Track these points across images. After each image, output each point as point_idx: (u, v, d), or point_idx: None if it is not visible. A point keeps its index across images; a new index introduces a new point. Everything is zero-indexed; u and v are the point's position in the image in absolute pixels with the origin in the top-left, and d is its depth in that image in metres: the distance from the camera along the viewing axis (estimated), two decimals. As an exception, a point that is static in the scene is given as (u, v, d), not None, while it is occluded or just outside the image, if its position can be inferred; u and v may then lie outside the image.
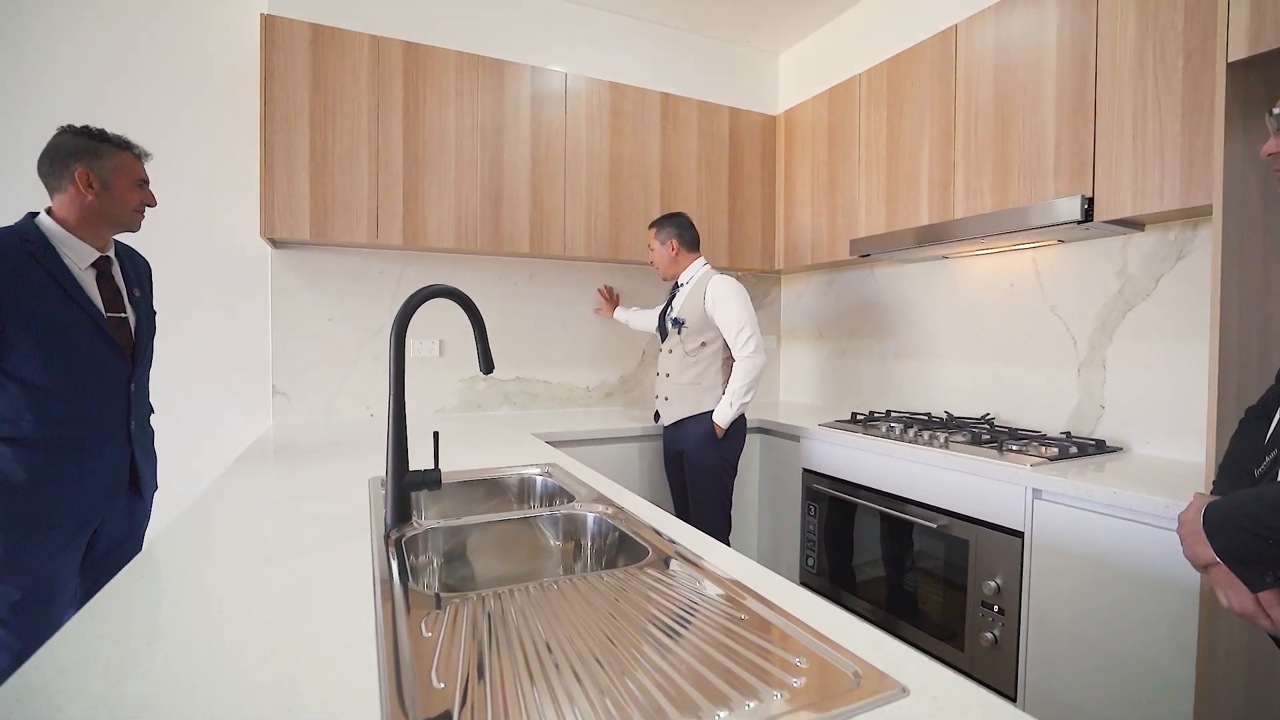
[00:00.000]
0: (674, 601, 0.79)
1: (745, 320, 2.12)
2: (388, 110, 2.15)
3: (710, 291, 2.16)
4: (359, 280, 2.42)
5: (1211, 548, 0.87)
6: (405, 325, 1.08)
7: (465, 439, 2.04)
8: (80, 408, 1.39)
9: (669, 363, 2.27)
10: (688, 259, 2.28)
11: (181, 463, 2.11)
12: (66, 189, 1.37)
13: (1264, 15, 1.15)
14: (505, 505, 1.52)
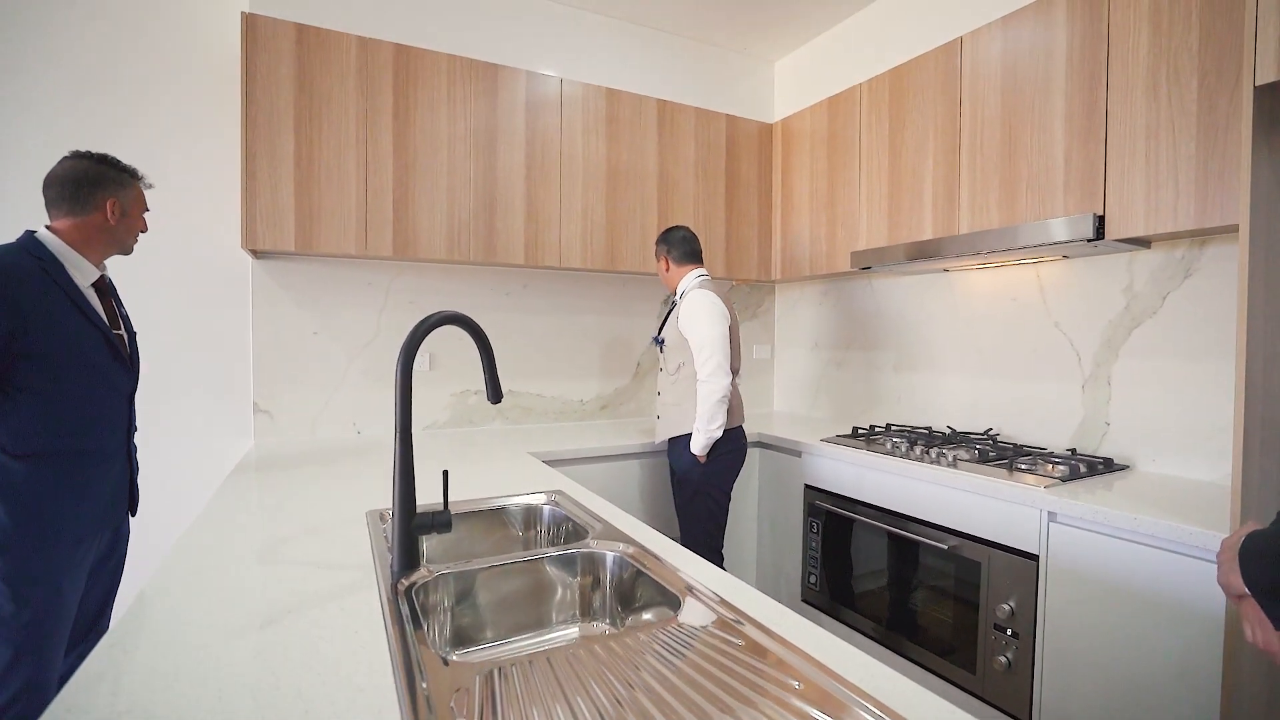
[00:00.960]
0: (710, 675, 0.73)
1: (706, 339, 2.00)
2: (377, 115, 2.06)
3: (683, 308, 2.08)
4: (345, 292, 2.31)
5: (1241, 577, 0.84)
6: (413, 356, 1.01)
7: (459, 457, 1.96)
8: (91, 421, 1.42)
9: (661, 380, 2.23)
10: (679, 272, 2.19)
11: (157, 485, 1.99)
12: (91, 214, 1.42)
13: (1293, 39, 1.13)
14: (511, 539, 1.45)
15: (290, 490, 1.52)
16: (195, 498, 2.11)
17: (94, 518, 1.43)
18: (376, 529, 1.22)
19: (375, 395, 2.36)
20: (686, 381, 2.08)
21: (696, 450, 2.02)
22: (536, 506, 1.47)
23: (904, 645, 1.90)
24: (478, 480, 1.66)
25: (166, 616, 0.83)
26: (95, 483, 1.43)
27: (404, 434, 0.99)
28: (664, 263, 2.21)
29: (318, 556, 1.07)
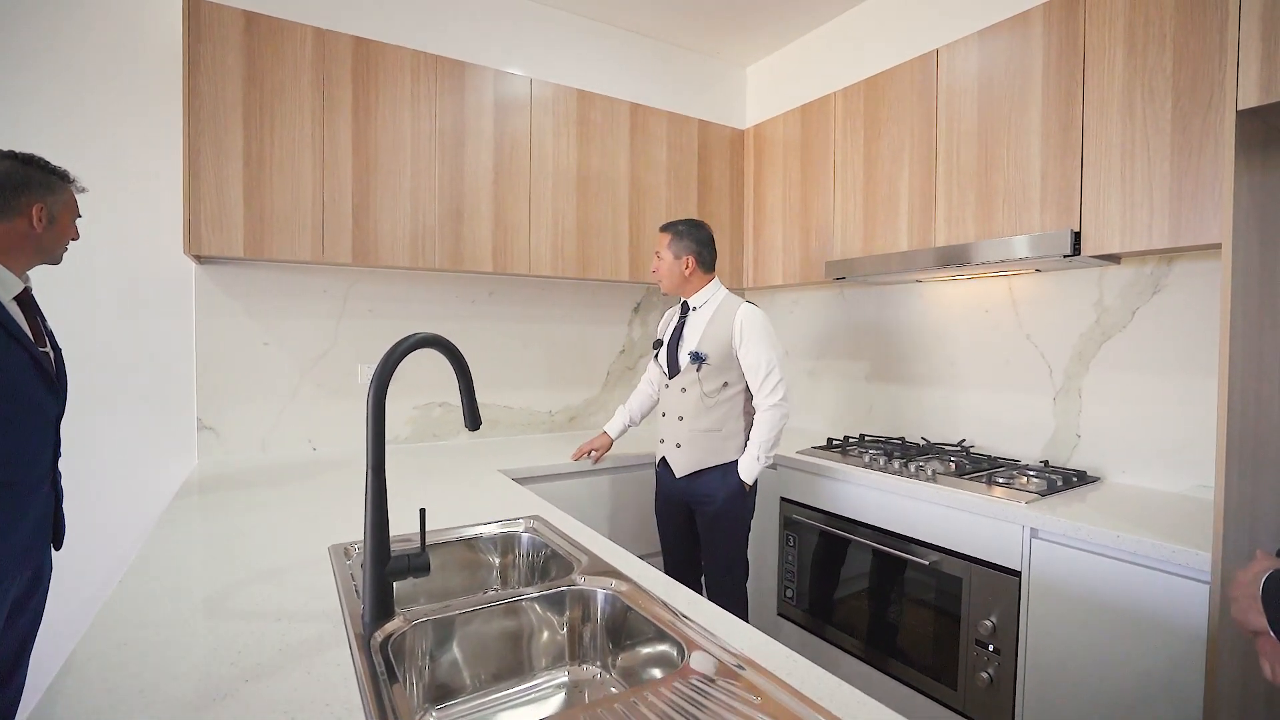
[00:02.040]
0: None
1: (775, 362, 1.84)
2: (334, 112, 1.92)
3: (741, 324, 1.84)
4: (299, 299, 2.17)
5: (1265, 619, 0.83)
6: (386, 385, 0.91)
7: (425, 475, 1.85)
8: (11, 452, 1.28)
9: (682, 404, 1.90)
10: (702, 280, 1.96)
11: (85, 514, 1.81)
12: (14, 221, 1.28)
13: (1275, 67, 1.15)
14: (488, 572, 1.36)
15: (241, 522, 1.39)
16: (131, 528, 1.93)
17: (10, 557, 1.27)
18: (342, 567, 1.12)
19: (332, 409, 2.22)
20: (729, 404, 1.88)
21: (750, 477, 1.86)
22: (514, 535, 1.39)
23: (884, 661, 1.89)
24: (447, 503, 1.56)
25: (96, 693, 0.72)
26: (13, 519, 1.27)
27: (376, 470, 0.89)
28: (687, 263, 1.93)
29: (276, 605, 0.96)
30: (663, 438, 1.97)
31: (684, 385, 1.90)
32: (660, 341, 2.01)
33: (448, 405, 2.45)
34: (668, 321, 2.05)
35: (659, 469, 2.03)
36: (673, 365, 1.93)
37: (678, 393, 1.92)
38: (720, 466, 1.88)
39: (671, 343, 1.96)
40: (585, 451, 2.12)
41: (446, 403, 2.45)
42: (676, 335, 1.95)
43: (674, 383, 1.93)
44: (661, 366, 1.98)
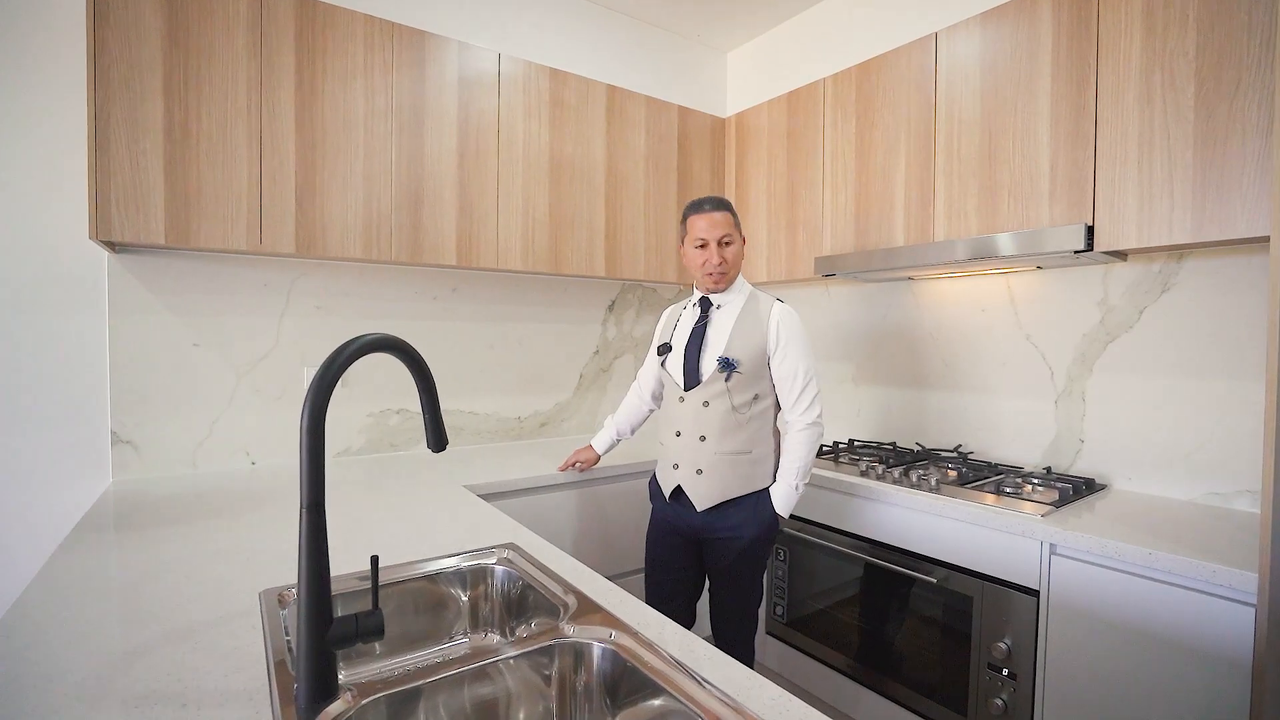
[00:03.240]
0: None
1: (813, 372, 1.59)
2: (274, 81, 1.69)
3: (778, 326, 1.57)
4: (235, 294, 1.91)
5: None
6: (325, 400, 0.72)
7: (379, 492, 1.63)
8: None
9: (706, 421, 1.56)
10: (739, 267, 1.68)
11: (-30, 546, 1.54)
12: None
13: (1331, 41, 1.05)
14: (453, 614, 1.16)
15: (154, 558, 1.16)
16: (18, 567, 1.65)
17: None
18: (274, 620, 0.91)
19: (274, 417, 1.98)
20: (760, 420, 1.58)
21: (787, 511, 1.58)
22: (485, 568, 1.20)
23: (886, 685, 1.76)
24: (406, 529, 1.35)
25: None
26: None
27: (313, 509, 0.70)
28: (741, 247, 1.64)
29: (185, 683, 0.75)
30: (676, 462, 1.60)
31: (707, 398, 1.56)
32: (668, 345, 1.67)
33: (406, 412, 2.23)
34: (672, 321, 1.71)
35: (663, 500, 1.66)
36: (692, 374, 1.58)
37: (698, 407, 1.57)
38: (751, 496, 1.57)
39: (691, 347, 1.60)
40: (571, 463, 1.93)
41: (405, 409, 2.23)
42: (698, 338, 1.61)
43: (693, 395, 1.58)
44: (671, 376, 1.64)
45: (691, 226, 1.62)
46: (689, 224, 1.63)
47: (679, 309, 1.74)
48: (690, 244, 1.62)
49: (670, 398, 1.66)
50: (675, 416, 1.62)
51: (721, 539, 1.58)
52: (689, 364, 1.60)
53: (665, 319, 1.78)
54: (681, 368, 1.61)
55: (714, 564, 1.63)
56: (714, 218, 1.59)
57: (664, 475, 1.67)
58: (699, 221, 1.60)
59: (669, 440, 1.64)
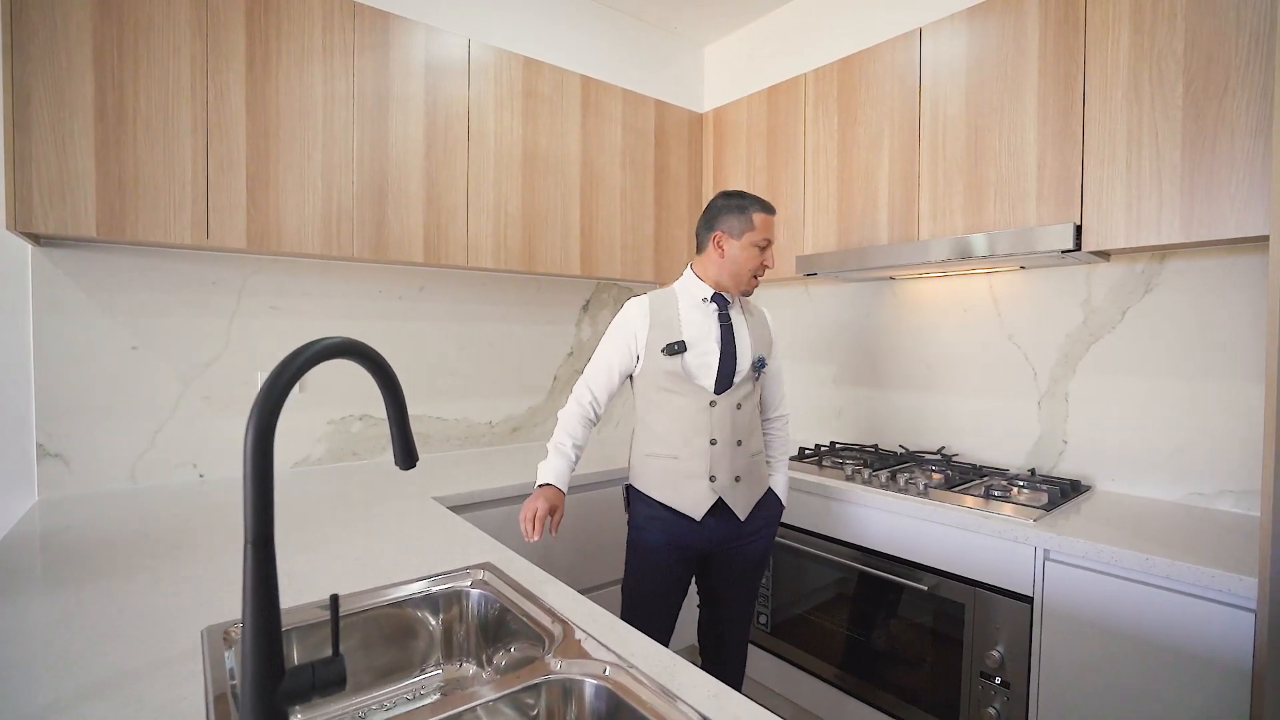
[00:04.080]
0: None
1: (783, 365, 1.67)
2: (222, 60, 1.55)
3: (772, 322, 1.63)
4: (178, 293, 1.76)
5: None
6: (273, 416, 0.61)
7: (341, 507, 1.51)
8: None
9: (740, 424, 1.48)
10: None
11: None
12: None
13: (1332, 37, 1.03)
14: (425, 642, 1.06)
15: (84, 591, 1.03)
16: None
17: None
18: (218, 665, 0.80)
19: (224, 425, 1.83)
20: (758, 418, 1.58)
21: (787, 499, 1.65)
22: (457, 591, 1.10)
23: (875, 694, 1.72)
24: (369, 547, 1.24)
25: None
26: None
27: (259, 545, 0.60)
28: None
29: (107, 747, 0.64)
30: (712, 474, 1.45)
31: (739, 400, 1.48)
32: (681, 344, 1.45)
33: (369, 419, 2.10)
34: (672, 318, 1.48)
35: (687, 523, 1.46)
36: (727, 376, 1.47)
37: (731, 410, 1.47)
38: (765, 496, 1.55)
39: (728, 347, 1.49)
40: (541, 526, 1.40)
41: (368, 415, 2.10)
42: (729, 337, 1.49)
43: (725, 398, 1.46)
44: (694, 378, 1.45)
45: (760, 224, 1.47)
46: (754, 220, 1.47)
47: (670, 305, 1.50)
48: (750, 241, 1.47)
49: (690, 402, 1.45)
50: (704, 423, 1.45)
51: (739, 547, 1.51)
52: (726, 365, 1.47)
53: (656, 313, 1.48)
54: (715, 369, 1.46)
55: (724, 576, 1.53)
56: (772, 219, 1.51)
57: (691, 492, 1.45)
58: (766, 220, 1.48)
59: (697, 450, 1.45)
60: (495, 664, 1.05)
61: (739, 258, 1.48)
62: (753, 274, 1.50)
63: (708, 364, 1.46)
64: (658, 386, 1.47)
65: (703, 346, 1.46)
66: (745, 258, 1.48)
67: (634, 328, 1.48)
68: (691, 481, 1.45)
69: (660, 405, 1.48)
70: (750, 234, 1.47)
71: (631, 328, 1.48)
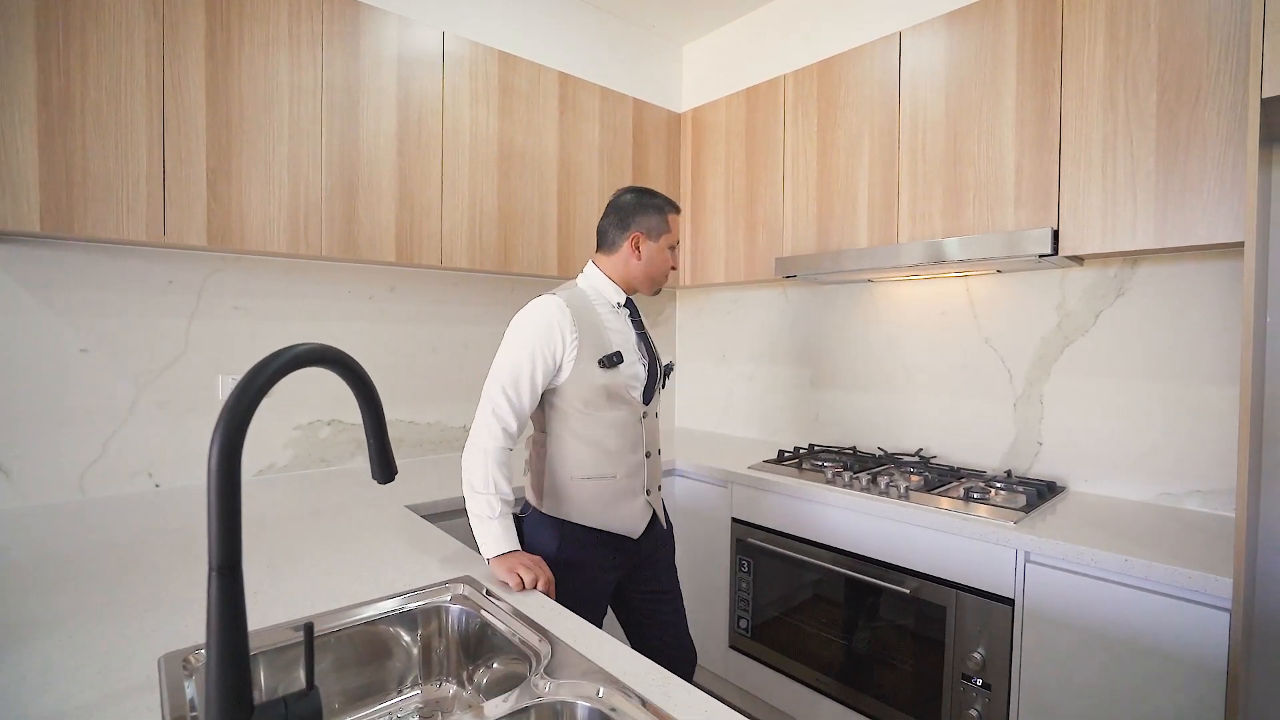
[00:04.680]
0: None
1: None
2: (180, 46, 1.47)
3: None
4: (132, 292, 1.67)
5: None
6: (240, 436, 0.56)
7: (309, 517, 1.44)
8: None
9: (656, 433, 1.44)
10: None
11: None
12: None
13: (1304, 49, 1.05)
14: (402, 662, 1.01)
15: (27, 616, 0.95)
16: None
17: None
18: (177, 694, 0.74)
19: (183, 432, 1.74)
20: None
21: None
22: (436, 607, 1.05)
23: (856, 698, 1.72)
24: (340, 560, 1.18)
25: None
26: None
27: (225, 572, 0.55)
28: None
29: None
30: (648, 488, 1.39)
31: (658, 409, 1.45)
32: (618, 355, 1.33)
33: (339, 423, 2.02)
34: (594, 324, 1.32)
35: (628, 546, 1.38)
36: (653, 385, 1.41)
37: (653, 421, 1.43)
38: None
39: (650, 355, 1.42)
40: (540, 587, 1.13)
41: (337, 420, 2.02)
42: (645, 345, 1.42)
43: (650, 408, 1.41)
44: (629, 391, 1.35)
45: (673, 226, 1.43)
46: (669, 221, 1.42)
47: (589, 309, 1.34)
48: (667, 244, 1.42)
49: (625, 416, 1.35)
50: (638, 436, 1.37)
51: (664, 552, 1.48)
52: (650, 374, 1.41)
53: (579, 319, 1.30)
54: (645, 379, 1.39)
55: (655, 583, 1.46)
56: (679, 220, 1.47)
57: (630, 511, 1.36)
58: (678, 221, 1.45)
59: (634, 465, 1.36)
60: (477, 682, 1.01)
61: (656, 260, 1.41)
62: (665, 275, 1.45)
63: (638, 374, 1.37)
64: (586, 402, 1.31)
65: (630, 356, 1.36)
66: (662, 260, 1.42)
67: (560, 335, 1.28)
68: (629, 500, 1.36)
69: (591, 422, 1.32)
70: (666, 236, 1.41)
71: (556, 335, 1.27)
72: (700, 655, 2.18)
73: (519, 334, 1.28)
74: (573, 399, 1.31)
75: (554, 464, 1.34)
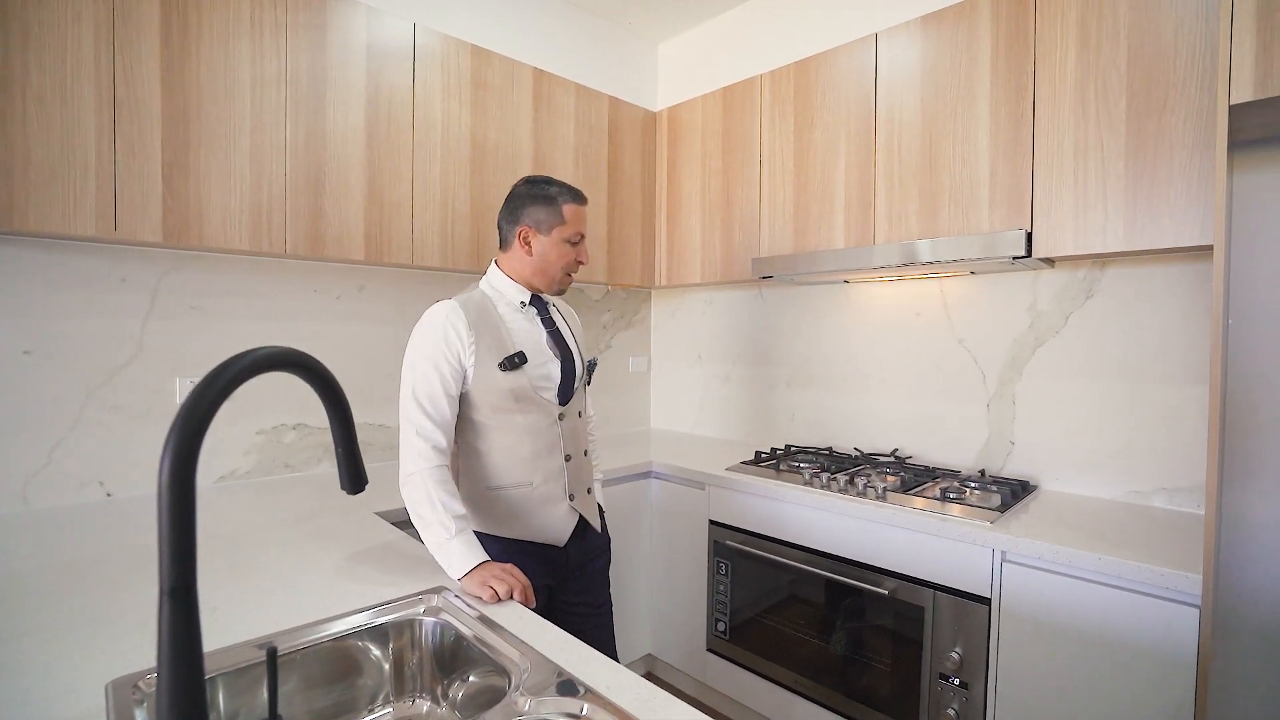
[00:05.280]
0: None
1: None
2: (133, 31, 1.39)
3: (579, 321, 1.53)
4: (80, 290, 1.58)
5: None
6: (195, 446, 0.52)
7: (273, 527, 1.38)
8: None
9: (581, 434, 1.41)
10: None
11: None
12: None
13: (1270, 60, 1.08)
14: (373, 679, 0.97)
15: (-44, 639, 0.88)
16: None
17: None
18: (129, 725, 0.69)
19: (136, 438, 1.65)
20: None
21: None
22: (409, 620, 1.01)
23: (835, 699, 1.72)
24: (306, 572, 1.13)
25: None
26: None
27: (177, 595, 0.50)
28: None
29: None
30: (571, 492, 1.34)
31: (580, 408, 1.41)
32: (520, 356, 1.27)
33: (305, 428, 1.95)
34: (493, 326, 1.28)
35: (548, 549, 1.33)
36: (569, 385, 1.36)
37: (575, 421, 1.38)
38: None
39: (566, 354, 1.37)
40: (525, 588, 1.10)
41: (303, 424, 1.95)
42: (562, 343, 1.38)
43: (570, 408, 1.36)
44: (540, 392, 1.31)
45: (571, 217, 1.33)
46: (564, 212, 1.32)
47: (488, 311, 1.30)
48: (561, 237, 1.32)
49: (537, 419, 1.30)
50: (555, 439, 1.32)
51: (598, 562, 1.44)
52: (566, 374, 1.35)
53: (476, 322, 1.26)
54: (558, 380, 1.34)
55: (586, 594, 1.41)
56: (584, 211, 1.37)
57: (552, 518, 1.31)
58: (577, 212, 1.34)
59: (553, 470, 1.31)
60: (452, 698, 0.97)
61: (549, 255, 1.32)
62: (565, 272, 1.36)
63: (549, 374, 1.32)
64: (494, 407, 1.26)
65: (539, 356, 1.32)
66: (556, 255, 1.33)
67: (457, 336, 1.23)
68: (550, 506, 1.31)
69: (500, 428, 1.27)
70: (560, 229, 1.32)
71: (453, 337, 1.22)
72: (678, 658, 2.16)
73: (416, 347, 1.24)
74: (480, 405, 1.26)
75: (466, 476, 1.30)
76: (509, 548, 1.28)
